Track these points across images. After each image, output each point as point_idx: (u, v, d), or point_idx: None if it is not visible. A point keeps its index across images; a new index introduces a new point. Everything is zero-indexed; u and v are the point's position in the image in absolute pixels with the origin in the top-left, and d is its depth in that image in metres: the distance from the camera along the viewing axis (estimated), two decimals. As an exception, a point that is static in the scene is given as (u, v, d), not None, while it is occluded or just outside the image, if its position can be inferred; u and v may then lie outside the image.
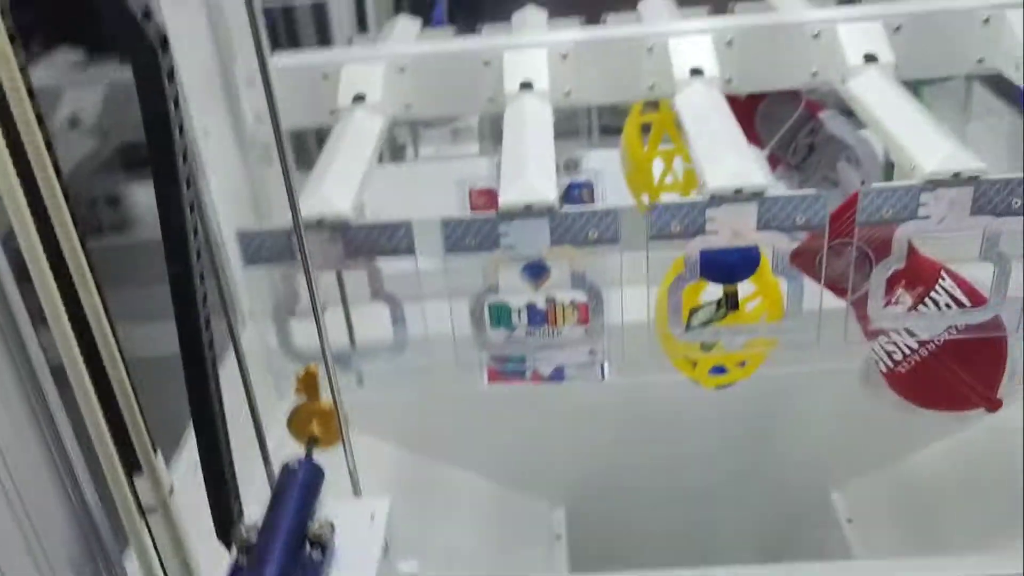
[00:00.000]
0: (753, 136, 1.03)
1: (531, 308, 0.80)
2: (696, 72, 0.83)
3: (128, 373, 0.49)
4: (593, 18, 0.99)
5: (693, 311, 0.73)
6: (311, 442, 0.60)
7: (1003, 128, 1.17)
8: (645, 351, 0.79)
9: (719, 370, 0.82)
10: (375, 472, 0.66)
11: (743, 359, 0.81)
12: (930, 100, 1.16)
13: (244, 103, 0.92)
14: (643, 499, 1.11)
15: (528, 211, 0.68)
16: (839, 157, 1.05)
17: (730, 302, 0.75)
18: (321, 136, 0.86)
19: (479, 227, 0.69)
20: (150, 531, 0.51)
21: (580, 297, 0.79)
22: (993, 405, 0.78)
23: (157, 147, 0.45)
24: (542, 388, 0.89)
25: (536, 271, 0.79)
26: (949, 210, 0.67)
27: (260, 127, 0.94)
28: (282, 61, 0.91)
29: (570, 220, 0.68)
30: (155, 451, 0.52)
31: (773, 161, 1.03)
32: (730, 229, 0.68)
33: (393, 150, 1.47)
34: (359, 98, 0.86)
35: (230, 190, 0.93)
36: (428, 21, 1.10)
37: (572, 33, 0.90)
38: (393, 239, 0.69)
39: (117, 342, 0.48)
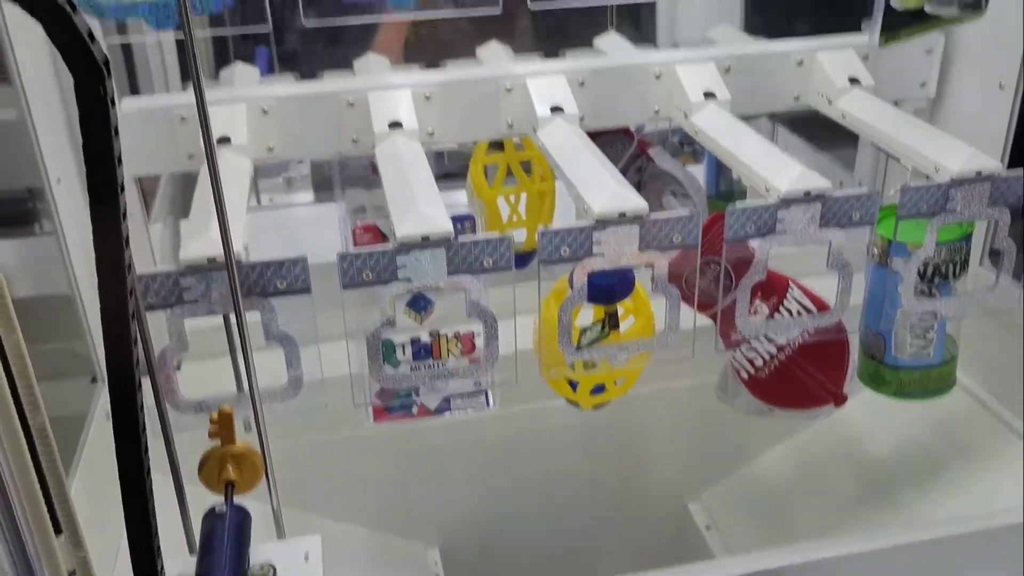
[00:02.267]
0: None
1: (415, 342, 0.81)
2: (556, 109, 0.88)
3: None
4: (431, 66, 1.02)
5: (582, 331, 0.77)
6: (229, 486, 0.58)
7: (802, 160, 1.30)
8: (527, 379, 0.81)
9: (599, 389, 0.86)
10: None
11: (621, 376, 0.85)
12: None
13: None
14: (512, 528, 1.13)
15: (426, 242, 0.69)
16: (665, 191, 1.14)
17: (611, 322, 0.80)
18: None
19: (377, 260, 0.69)
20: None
21: (463, 329, 0.81)
22: (840, 400, 0.87)
23: (97, 173, 0.43)
24: (403, 430, 0.90)
25: (422, 304, 0.80)
26: (802, 224, 0.75)
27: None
28: (133, 105, 0.88)
29: (466, 249, 0.70)
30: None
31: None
32: (614, 251, 0.72)
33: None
34: (224, 140, 0.84)
35: (84, 240, 0.88)
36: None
37: (434, 75, 0.92)
38: (288, 276, 0.69)
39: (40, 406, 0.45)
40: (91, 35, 0.41)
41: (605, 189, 0.73)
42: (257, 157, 0.89)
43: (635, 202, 0.71)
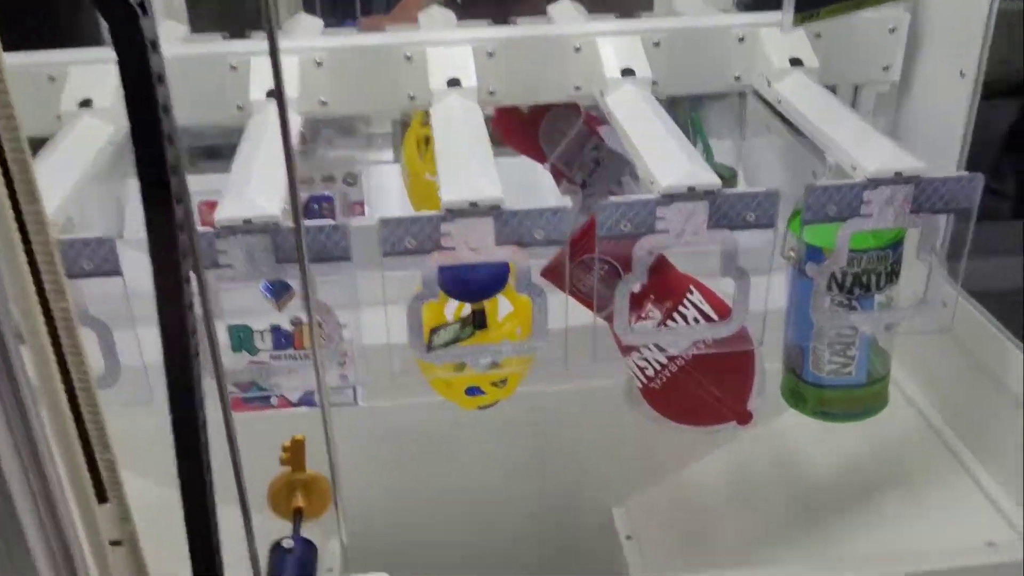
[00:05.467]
0: (538, 150, 1.01)
1: (276, 330, 0.75)
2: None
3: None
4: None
5: (435, 330, 0.70)
6: (298, 515, 0.55)
7: (778, 144, 1.19)
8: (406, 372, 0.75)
9: (474, 391, 0.79)
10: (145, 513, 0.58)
11: (501, 378, 0.78)
12: (710, 115, 1.17)
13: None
14: (423, 529, 1.07)
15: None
16: (623, 172, 1.05)
17: (477, 320, 0.73)
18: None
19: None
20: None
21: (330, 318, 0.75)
22: (743, 419, 0.78)
23: (140, 124, 0.38)
24: (300, 414, 0.84)
25: (278, 289, 0.74)
26: (686, 224, 0.66)
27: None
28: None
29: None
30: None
31: (557, 175, 1.02)
32: (467, 245, 0.65)
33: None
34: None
35: None
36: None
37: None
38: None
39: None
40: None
41: (465, 175, 0.66)
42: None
43: (490, 192, 0.64)
